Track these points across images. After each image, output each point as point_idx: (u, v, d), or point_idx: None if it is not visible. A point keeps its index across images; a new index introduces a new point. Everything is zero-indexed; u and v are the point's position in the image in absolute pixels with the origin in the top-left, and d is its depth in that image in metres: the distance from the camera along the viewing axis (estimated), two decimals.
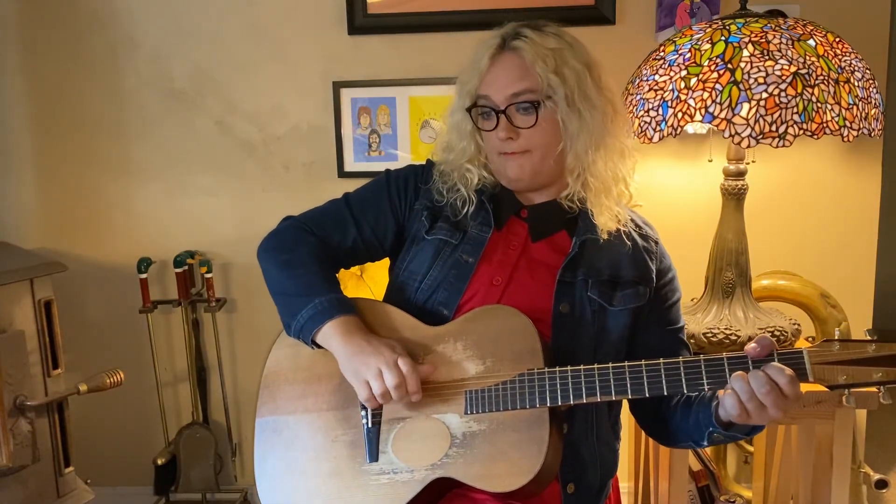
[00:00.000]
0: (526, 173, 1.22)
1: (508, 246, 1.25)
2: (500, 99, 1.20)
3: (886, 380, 0.99)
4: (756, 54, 1.43)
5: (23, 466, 1.84)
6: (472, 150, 1.28)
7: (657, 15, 2.09)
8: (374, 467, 1.13)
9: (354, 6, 2.13)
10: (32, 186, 2.31)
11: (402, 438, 1.13)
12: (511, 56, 1.21)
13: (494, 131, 1.21)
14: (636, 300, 1.22)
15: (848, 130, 1.45)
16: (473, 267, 1.22)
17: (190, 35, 2.21)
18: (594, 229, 1.23)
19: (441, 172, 1.30)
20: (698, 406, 1.15)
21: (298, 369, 1.22)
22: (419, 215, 1.29)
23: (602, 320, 1.20)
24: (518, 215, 1.27)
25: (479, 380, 1.12)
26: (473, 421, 1.10)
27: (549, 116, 1.20)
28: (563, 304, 1.19)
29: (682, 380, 1.04)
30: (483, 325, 1.15)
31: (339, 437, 1.16)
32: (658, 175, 2.16)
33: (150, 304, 2.24)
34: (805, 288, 1.92)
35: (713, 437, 1.13)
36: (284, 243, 1.27)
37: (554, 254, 1.23)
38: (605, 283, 1.20)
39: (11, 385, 1.79)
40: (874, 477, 2.04)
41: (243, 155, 2.26)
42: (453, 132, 1.30)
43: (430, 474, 1.10)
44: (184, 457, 2.30)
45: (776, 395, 0.98)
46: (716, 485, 1.98)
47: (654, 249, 1.27)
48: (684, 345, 1.29)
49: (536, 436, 1.07)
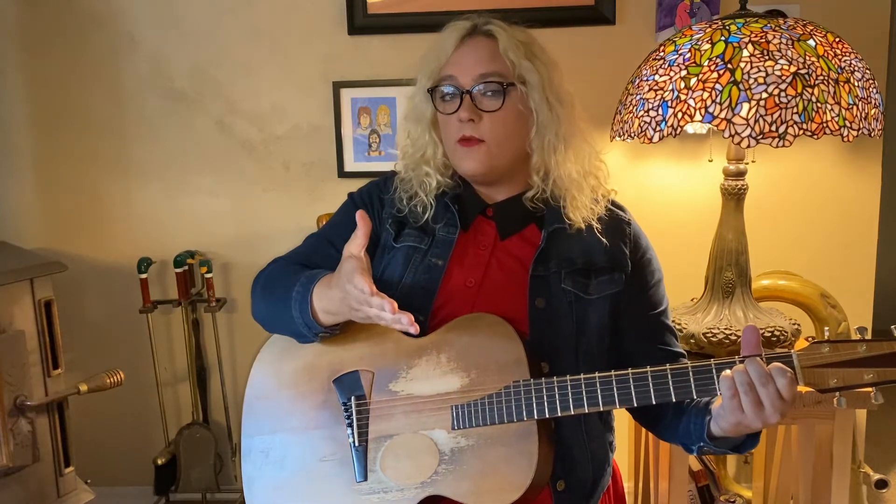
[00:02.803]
0: (481, 165, 1.19)
1: (478, 246, 1.22)
2: (466, 80, 1.17)
3: (878, 381, 0.95)
4: (756, 54, 1.43)
5: (23, 466, 1.84)
6: (429, 143, 1.25)
7: (657, 15, 2.09)
8: (363, 486, 1.11)
9: (354, 6, 2.13)
10: (32, 186, 2.31)
11: (389, 456, 1.11)
12: (482, 39, 1.20)
13: (455, 115, 1.18)
14: (612, 286, 1.19)
15: (848, 130, 1.45)
16: (443, 269, 1.20)
17: (190, 35, 2.21)
18: (562, 220, 1.20)
19: (401, 181, 1.28)
20: (690, 414, 1.12)
21: (282, 387, 1.19)
22: (384, 225, 1.27)
23: (580, 311, 1.17)
24: (484, 214, 1.25)
25: (464, 394, 1.10)
26: (461, 436, 1.08)
27: (514, 104, 1.18)
28: (539, 300, 1.16)
29: (670, 389, 1.02)
30: (466, 335, 1.12)
31: (326, 457, 1.14)
32: (658, 175, 2.16)
33: (150, 304, 2.24)
34: (805, 288, 1.92)
35: (703, 450, 1.11)
36: (267, 280, 1.26)
37: (525, 248, 1.21)
38: (578, 272, 1.18)
39: (11, 385, 1.79)
40: (874, 477, 2.04)
41: (243, 155, 2.26)
42: (411, 121, 1.28)
43: (420, 492, 1.08)
44: (184, 457, 2.30)
45: (774, 392, 0.95)
46: (716, 485, 1.98)
47: (627, 231, 1.24)
48: (669, 328, 1.26)
49: (525, 449, 1.05)
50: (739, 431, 1.02)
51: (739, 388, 0.96)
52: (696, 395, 1.01)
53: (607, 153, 1.29)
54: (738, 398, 0.97)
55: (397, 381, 1.13)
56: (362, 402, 1.14)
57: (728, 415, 0.99)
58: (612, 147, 2.08)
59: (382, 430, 1.12)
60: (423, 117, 1.26)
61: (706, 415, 1.08)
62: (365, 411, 1.13)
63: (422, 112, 1.26)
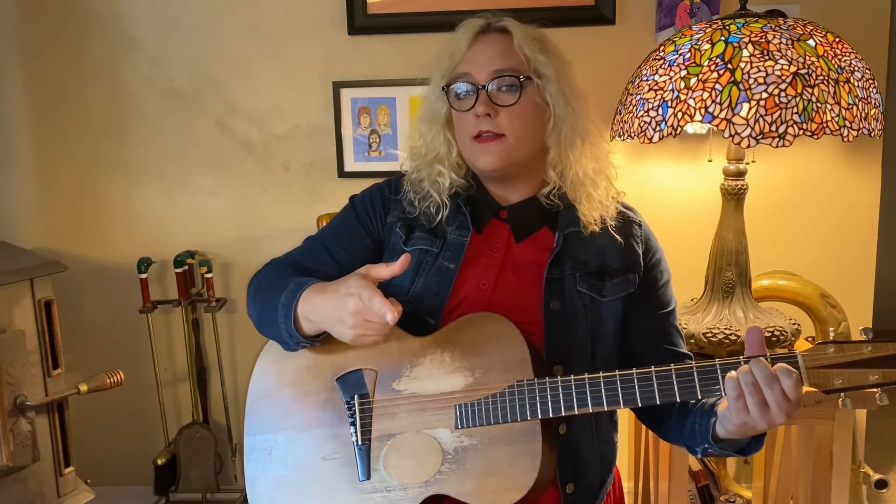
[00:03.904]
0: (500, 161, 1.17)
1: (491, 249, 1.21)
2: (481, 76, 1.17)
3: (884, 381, 0.95)
4: (756, 54, 1.43)
5: (23, 466, 1.83)
6: (442, 143, 1.24)
7: (657, 15, 2.09)
8: (366, 485, 1.11)
9: (354, 6, 2.13)
10: (32, 186, 2.31)
11: (393, 455, 1.11)
12: (497, 35, 1.20)
13: (471, 111, 1.17)
14: (626, 288, 1.20)
15: (848, 130, 1.45)
16: (455, 273, 1.19)
17: (190, 35, 2.21)
18: (577, 222, 1.20)
19: (412, 182, 1.26)
20: (695, 416, 1.12)
21: (284, 386, 1.19)
22: (393, 228, 1.25)
23: (594, 313, 1.17)
24: (497, 217, 1.24)
25: (468, 392, 1.09)
26: (465, 435, 1.08)
27: (530, 98, 1.17)
28: (554, 302, 1.16)
29: (675, 389, 1.01)
30: (469, 334, 1.12)
31: (329, 456, 1.14)
32: (658, 175, 2.16)
33: (150, 304, 2.24)
34: (805, 288, 1.92)
35: (707, 452, 1.11)
36: (261, 282, 1.25)
37: (538, 252, 1.20)
38: (592, 274, 1.18)
39: (11, 385, 1.79)
40: (874, 477, 2.04)
41: (243, 155, 2.26)
42: (424, 121, 1.27)
43: (423, 491, 1.08)
44: (184, 457, 2.30)
45: (780, 393, 0.95)
46: (716, 485, 1.98)
47: (639, 233, 1.25)
48: (676, 329, 1.26)
49: (530, 449, 1.05)
50: (745, 433, 1.01)
51: (745, 388, 0.96)
52: (701, 395, 1.01)
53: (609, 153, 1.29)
54: (744, 399, 0.96)
55: (401, 380, 1.13)
56: (366, 401, 1.14)
57: (733, 416, 0.98)
58: (612, 147, 2.08)
59: (386, 429, 1.12)
60: (438, 117, 1.25)
61: (711, 416, 1.07)
62: (368, 410, 1.13)
63: (436, 111, 1.25)
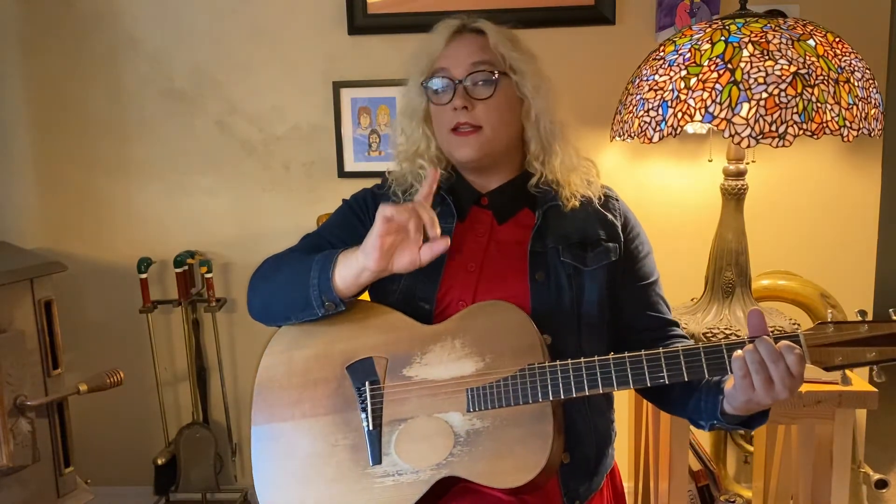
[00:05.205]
0: (477, 151, 1.23)
1: (476, 233, 1.26)
2: (458, 71, 1.22)
3: (880, 359, 1.02)
4: (756, 54, 1.43)
5: (23, 466, 1.84)
6: (422, 137, 1.29)
7: (657, 15, 2.09)
8: (377, 470, 1.12)
9: (354, 6, 2.13)
10: (32, 186, 2.31)
11: (404, 439, 1.12)
12: (472, 35, 1.26)
13: (449, 104, 1.22)
14: (608, 256, 1.24)
15: (848, 130, 1.45)
16: (444, 259, 1.22)
17: (190, 35, 2.21)
18: (555, 198, 1.26)
19: (395, 177, 1.33)
20: (701, 392, 1.15)
21: (293, 374, 1.20)
22: None
23: (579, 282, 1.21)
24: (479, 204, 1.29)
25: (479, 377, 1.12)
26: (476, 418, 1.10)
27: (505, 92, 1.23)
28: (539, 273, 1.20)
29: (682, 369, 1.05)
30: (480, 321, 1.15)
31: (339, 442, 1.15)
32: (658, 175, 2.16)
33: (150, 304, 2.24)
34: (805, 288, 1.92)
35: (714, 427, 1.16)
36: (271, 265, 1.28)
37: (521, 230, 1.26)
38: (575, 245, 1.22)
39: (11, 385, 1.79)
40: (874, 477, 2.04)
41: (243, 155, 2.26)
42: (405, 117, 1.32)
43: (435, 474, 1.10)
44: (184, 457, 2.30)
45: (784, 370, 0.99)
46: (716, 485, 1.98)
47: (616, 206, 1.30)
48: (661, 297, 1.30)
49: (540, 430, 1.07)
50: (749, 409, 1.06)
51: (751, 366, 1.00)
52: (708, 375, 1.05)
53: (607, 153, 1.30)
54: (750, 378, 1.00)
55: (412, 367, 1.15)
56: (377, 387, 1.15)
57: (739, 393, 1.03)
58: (612, 147, 2.08)
59: (397, 414, 1.14)
60: (417, 112, 1.30)
61: (719, 394, 1.11)
62: (379, 396, 1.15)
63: (415, 107, 1.30)
